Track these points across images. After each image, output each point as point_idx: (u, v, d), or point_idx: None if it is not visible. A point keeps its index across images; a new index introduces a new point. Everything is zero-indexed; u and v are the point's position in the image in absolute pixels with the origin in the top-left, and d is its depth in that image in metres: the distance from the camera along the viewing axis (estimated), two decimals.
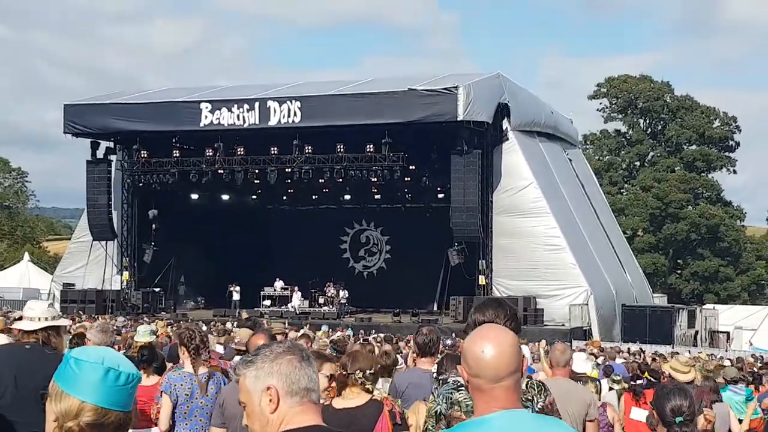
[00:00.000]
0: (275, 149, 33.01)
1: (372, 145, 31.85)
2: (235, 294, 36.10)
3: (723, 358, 23.75)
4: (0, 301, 36.53)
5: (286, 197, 40.40)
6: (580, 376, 7.74)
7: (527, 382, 3.89)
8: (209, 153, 33.71)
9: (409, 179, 34.63)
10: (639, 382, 9.65)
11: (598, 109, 70.09)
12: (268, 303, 36.15)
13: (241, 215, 39.87)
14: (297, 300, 35.69)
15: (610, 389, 10.49)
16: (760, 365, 19.31)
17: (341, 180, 33.73)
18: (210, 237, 37.54)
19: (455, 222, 31.66)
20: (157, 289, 36.39)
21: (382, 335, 20.49)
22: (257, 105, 32.97)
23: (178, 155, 34.41)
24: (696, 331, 35.85)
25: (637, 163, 69.32)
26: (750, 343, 36.06)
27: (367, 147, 31.96)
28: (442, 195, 34.96)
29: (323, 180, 34.27)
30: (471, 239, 32.18)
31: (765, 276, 64.89)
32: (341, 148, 32.17)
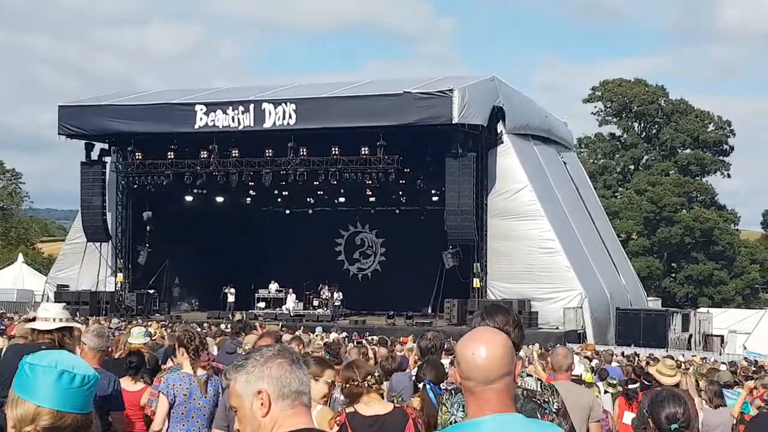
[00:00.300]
0: (270, 151, 32.97)
1: (367, 148, 31.84)
2: (230, 296, 36.04)
3: (717, 361, 23.78)
4: None
5: (280, 199, 40.30)
6: (574, 378, 7.74)
7: (541, 383, 3.89)
8: (204, 155, 33.67)
9: (404, 182, 34.60)
10: (633, 386, 9.66)
11: (592, 113, 70.31)
12: (262, 305, 36.14)
13: (236, 217, 39.82)
14: (291, 302, 35.67)
15: (605, 392, 10.49)
16: (753, 369, 19.34)
17: (336, 182, 33.73)
18: (204, 239, 37.46)
19: (450, 225, 31.66)
20: (152, 291, 36.27)
21: (376, 338, 20.50)
22: (252, 107, 32.92)
23: (172, 157, 34.35)
24: (690, 335, 35.87)
25: (632, 167, 69.39)
26: (744, 347, 36.12)
27: (362, 149, 31.95)
28: (436, 198, 34.98)
29: (318, 182, 34.23)
30: (465, 242, 32.18)
31: (759, 280, 65.01)
32: (336, 150, 32.17)
